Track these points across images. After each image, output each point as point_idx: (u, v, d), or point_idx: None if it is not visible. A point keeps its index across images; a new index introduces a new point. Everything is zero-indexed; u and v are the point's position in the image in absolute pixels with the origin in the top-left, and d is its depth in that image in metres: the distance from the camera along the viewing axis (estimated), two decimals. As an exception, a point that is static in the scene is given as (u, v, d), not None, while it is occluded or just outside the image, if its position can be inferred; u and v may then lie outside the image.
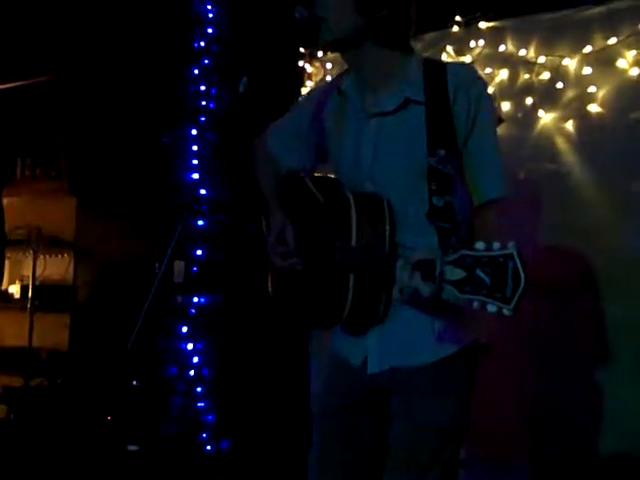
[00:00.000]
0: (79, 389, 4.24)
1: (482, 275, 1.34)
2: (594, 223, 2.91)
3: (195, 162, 3.94)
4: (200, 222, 3.89)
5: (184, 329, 3.80)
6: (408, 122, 1.73)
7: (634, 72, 2.90)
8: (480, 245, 1.36)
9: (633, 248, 2.81)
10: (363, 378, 1.79)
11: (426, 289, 1.45)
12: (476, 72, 1.84)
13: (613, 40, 2.93)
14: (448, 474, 1.74)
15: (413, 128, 1.71)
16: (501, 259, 1.33)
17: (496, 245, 1.34)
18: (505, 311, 1.32)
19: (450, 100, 1.69)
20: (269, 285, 2.00)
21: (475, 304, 1.35)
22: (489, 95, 1.79)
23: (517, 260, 1.32)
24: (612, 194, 2.89)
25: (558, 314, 2.93)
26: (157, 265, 3.80)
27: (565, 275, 2.94)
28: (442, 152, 1.66)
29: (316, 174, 2.02)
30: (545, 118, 3.10)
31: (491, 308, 1.33)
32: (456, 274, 1.37)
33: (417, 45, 3.29)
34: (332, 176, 1.94)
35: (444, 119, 1.68)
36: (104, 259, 4.68)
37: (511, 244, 1.34)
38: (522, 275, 1.31)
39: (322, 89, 2.01)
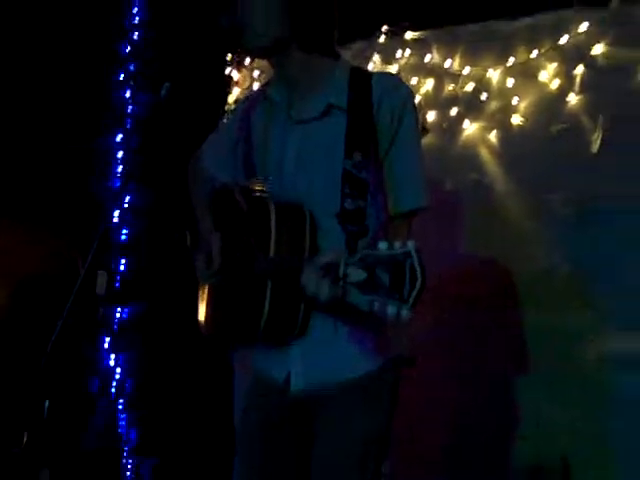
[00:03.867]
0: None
1: (381, 275, 1.27)
2: (515, 233, 2.95)
3: (119, 169, 3.84)
4: (124, 231, 3.79)
5: (106, 341, 3.69)
6: (330, 128, 1.71)
7: (554, 84, 2.96)
8: (382, 245, 1.30)
9: (552, 258, 2.85)
10: (285, 394, 1.76)
11: (329, 292, 1.40)
12: (401, 81, 1.83)
13: (535, 53, 2.99)
14: (371, 486, 1.72)
15: (334, 134, 1.69)
16: (400, 257, 1.26)
17: (397, 244, 1.28)
18: (403, 313, 1.25)
19: (374, 108, 1.68)
20: (200, 317, 1.92)
21: (376, 305, 1.27)
22: (413, 105, 1.75)
23: (414, 257, 1.26)
24: (532, 204, 2.94)
25: (478, 324, 2.95)
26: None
27: (486, 285, 2.96)
28: (359, 156, 1.64)
29: (246, 185, 1.97)
30: (469, 128, 3.14)
31: (391, 310, 1.25)
32: (358, 275, 1.30)
33: (346, 54, 3.31)
34: (261, 186, 1.90)
35: (364, 125, 1.67)
36: (22, 272, 4.52)
37: (410, 242, 1.27)
38: (419, 273, 1.25)
39: (250, 97, 1.99)
